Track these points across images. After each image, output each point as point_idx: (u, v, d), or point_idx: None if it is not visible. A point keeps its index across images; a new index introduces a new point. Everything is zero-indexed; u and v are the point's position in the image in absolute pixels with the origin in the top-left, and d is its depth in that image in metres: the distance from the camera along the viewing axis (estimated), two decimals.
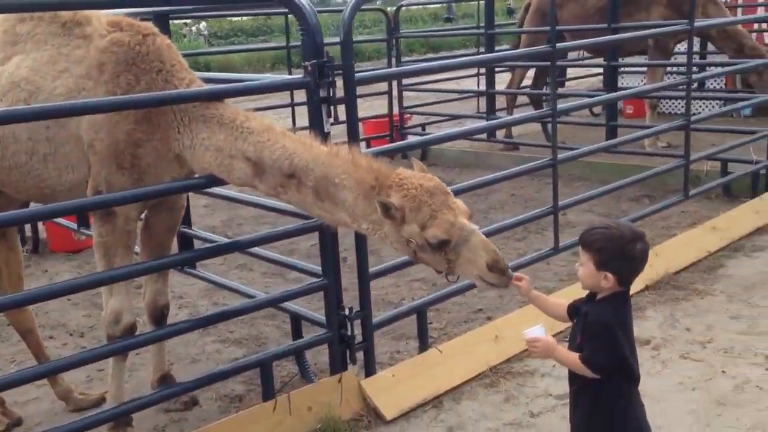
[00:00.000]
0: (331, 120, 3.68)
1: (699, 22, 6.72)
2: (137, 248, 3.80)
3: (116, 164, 3.21)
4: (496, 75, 10.32)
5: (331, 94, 3.65)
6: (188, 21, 29.78)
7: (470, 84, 13.56)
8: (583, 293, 2.81)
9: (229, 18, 29.20)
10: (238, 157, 3.17)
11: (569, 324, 2.99)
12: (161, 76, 3.27)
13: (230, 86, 3.51)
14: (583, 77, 13.86)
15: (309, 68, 3.59)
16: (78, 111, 3.07)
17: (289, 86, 4.13)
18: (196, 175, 3.48)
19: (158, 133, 3.24)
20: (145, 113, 3.20)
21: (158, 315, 3.91)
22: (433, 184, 3.01)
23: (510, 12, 37.65)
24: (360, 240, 3.99)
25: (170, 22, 5.72)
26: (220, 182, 3.40)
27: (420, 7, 35.45)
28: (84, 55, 3.28)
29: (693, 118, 6.20)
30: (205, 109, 3.24)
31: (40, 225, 7.02)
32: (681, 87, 7.28)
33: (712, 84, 11.02)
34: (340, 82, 3.78)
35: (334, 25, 19.19)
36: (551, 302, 2.98)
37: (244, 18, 30.44)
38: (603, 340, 2.61)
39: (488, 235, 5.07)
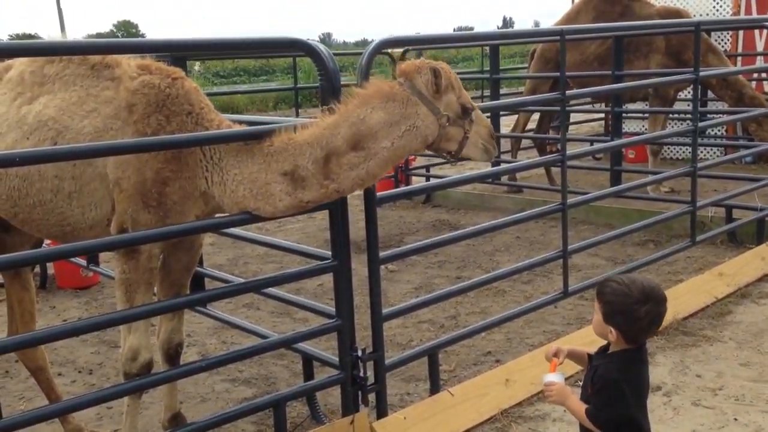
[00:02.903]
0: None
1: (704, 72, 6.84)
2: None
3: (143, 202, 3.25)
4: (501, 118, 10.46)
5: None
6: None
7: None
8: (597, 340, 2.83)
9: (231, 59, 29.53)
10: (274, 180, 3.25)
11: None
12: (191, 118, 3.34)
13: (253, 129, 3.56)
14: (583, 122, 14.03)
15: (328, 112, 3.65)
16: (114, 151, 3.14)
17: None
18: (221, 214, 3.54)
19: (186, 171, 3.30)
20: (174, 152, 3.26)
21: (173, 353, 3.91)
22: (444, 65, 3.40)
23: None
24: (373, 281, 4.01)
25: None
26: (255, 219, 3.44)
27: (419, 50, 35.92)
28: (113, 96, 3.34)
29: (699, 164, 6.27)
30: (236, 144, 3.33)
31: None
32: (687, 134, 7.38)
33: (713, 131, 11.17)
34: None
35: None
36: (582, 356, 2.94)
37: (247, 59, 30.77)
38: (609, 396, 2.62)
39: (499, 278, 5.19)
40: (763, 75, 10.40)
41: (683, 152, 11.50)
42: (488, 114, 10.15)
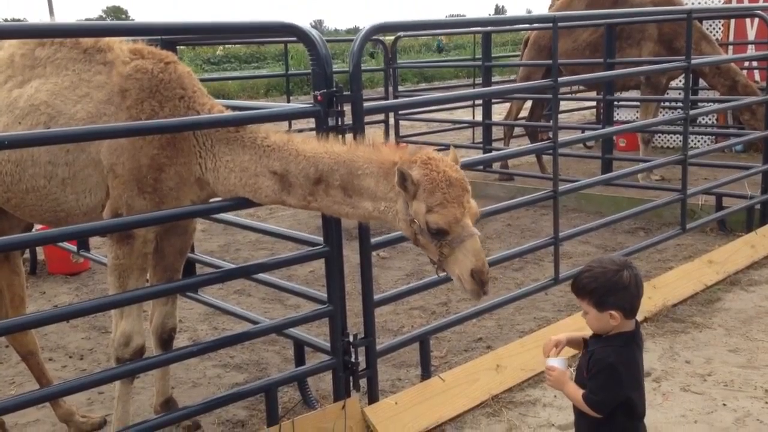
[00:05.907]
0: None
1: (695, 60, 6.84)
2: None
3: (138, 188, 3.24)
4: (492, 106, 10.45)
5: (340, 124, 3.69)
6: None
7: (463, 113, 13.70)
8: (587, 327, 2.84)
9: (222, 44, 29.37)
10: (264, 174, 3.24)
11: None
12: (183, 103, 3.32)
13: (246, 114, 3.55)
14: (575, 110, 14.06)
15: (319, 98, 3.63)
16: (106, 134, 3.11)
17: (301, 115, 4.19)
18: (217, 199, 3.53)
19: (181, 157, 3.28)
20: (169, 138, 3.24)
21: (166, 338, 3.91)
22: (456, 176, 3.05)
23: (440, 49, 37.86)
24: (365, 267, 4.01)
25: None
26: (248, 204, 3.43)
27: (411, 37, 35.85)
28: (105, 81, 3.32)
29: (690, 153, 6.29)
30: (227, 132, 3.31)
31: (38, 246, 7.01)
32: (677, 122, 7.40)
33: (703, 119, 11.19)
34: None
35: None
36: (578, 341, 2.94)
37: (237, 44, 30.61)
38: (605, 380, 2.65)
39: (490, 265, 5.17)
40: (755, 64, 10.41)
41: (674, 141, 11.53)
42: (480, 102, 10.27)
